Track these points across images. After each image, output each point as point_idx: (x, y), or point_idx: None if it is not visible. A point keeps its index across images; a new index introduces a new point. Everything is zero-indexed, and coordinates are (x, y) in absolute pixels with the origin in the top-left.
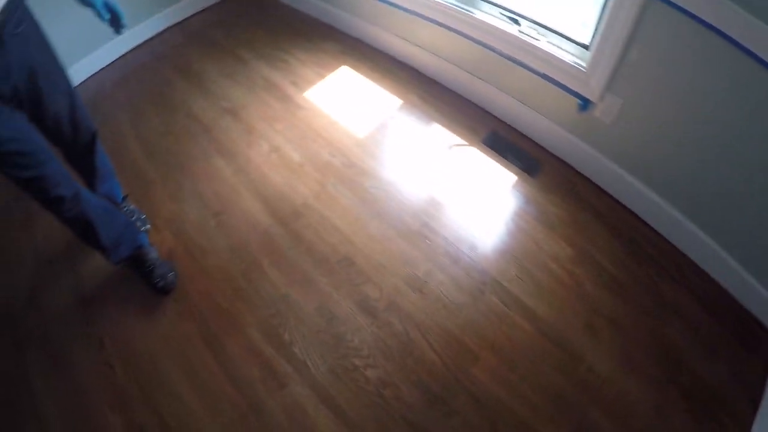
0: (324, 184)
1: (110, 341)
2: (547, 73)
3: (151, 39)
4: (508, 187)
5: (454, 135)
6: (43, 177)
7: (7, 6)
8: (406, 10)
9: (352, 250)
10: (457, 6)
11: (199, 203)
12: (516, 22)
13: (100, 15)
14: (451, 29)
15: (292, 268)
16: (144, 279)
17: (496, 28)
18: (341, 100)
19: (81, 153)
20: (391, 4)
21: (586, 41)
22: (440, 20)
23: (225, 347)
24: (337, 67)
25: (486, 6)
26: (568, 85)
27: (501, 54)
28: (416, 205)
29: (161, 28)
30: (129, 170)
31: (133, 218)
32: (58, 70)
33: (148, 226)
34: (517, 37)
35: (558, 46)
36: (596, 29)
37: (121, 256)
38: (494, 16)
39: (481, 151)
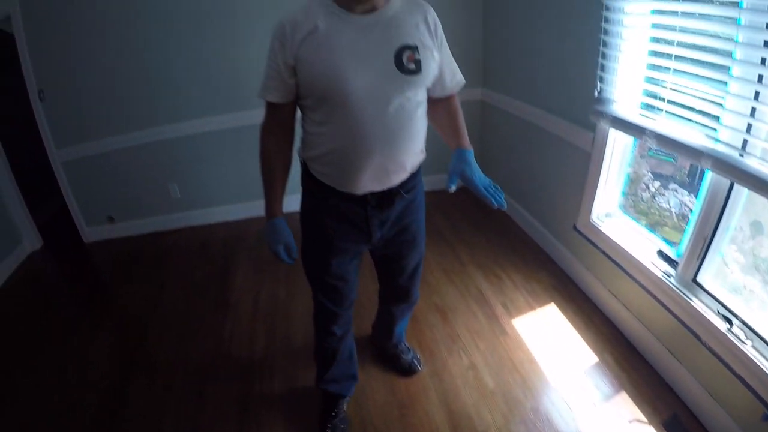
0: (509, 421)
1: None
2: (743, 376)
3: None
4: None
5: (637, 409)
6: (335, 315)
7: (409, 176)
8: (625, 271)
9: None
10: (676, 287)
11: (388, 387)
12: (729, 321)
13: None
14: (663, 305)
15: None
16: (321, 417)
17: (708, 320)
18: (544, 340)
19: (395, 301)
20: (613, 261)
21: None
22: (655, 293)
23: None
24: (546, 302)
25: (706, 297)
26: (761, 393)
27: (703, 344)
28: None
29: None
30: None
31: (410, 356)
32: (422, 232)
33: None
34: (724, 335)
35: (762, 354)
36: None
37: (326, 389)
38: (710, 308)
39: None
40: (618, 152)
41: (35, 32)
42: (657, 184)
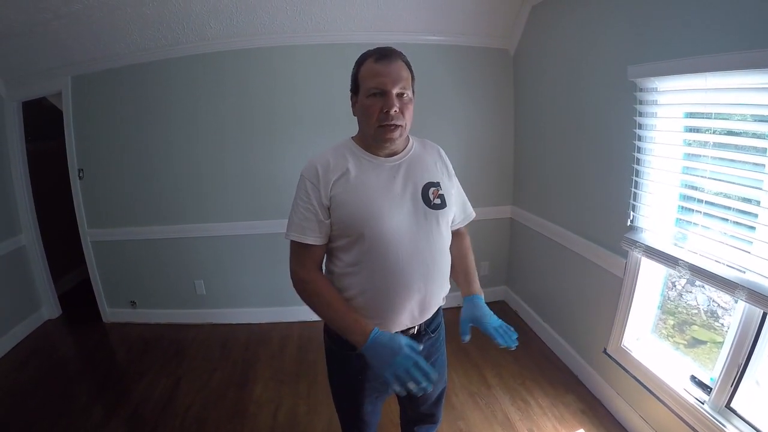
0: None
1: None
2: None
3: None
4: None
5: None
6: None
7: (434, 315)
8: (657, 397)
9: None
10: (710, 414)
11: None
12: None
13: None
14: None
15: None
16: None
17: None
18: None
19: (418, 422)
20: (644, 387)
21: None
22: (688, 419)
23: None
24: (575, 428)
25: (740, 423)
26: None
27: None
28: None
29: None
30: None
31: None
32: (445, 365)
33: None
34: None
35: None
36: None
37: None
38: None
39: None
40: (651, 279)
41: (82, 112)
42: (683, 281)
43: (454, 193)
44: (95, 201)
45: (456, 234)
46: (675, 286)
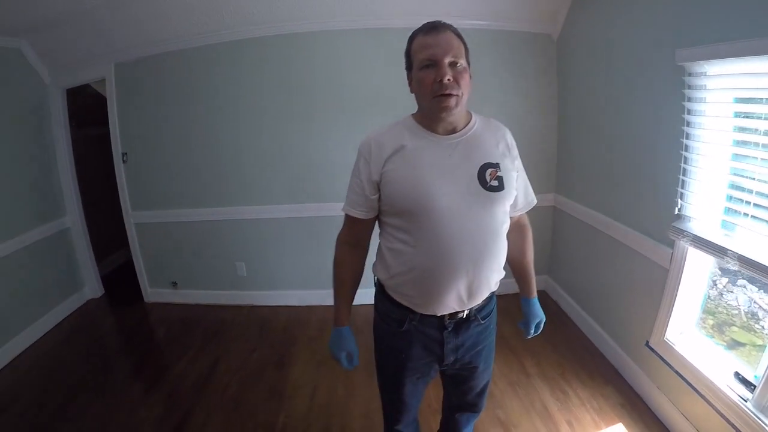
0: None
1: None
2: None
3: None
4: None
5: None
6: (398, 421)
7: (485, 300)
8: (698, 393)
9: None
10: (753, 412)
11: None
12: None
13: None
14: (738, 430)
15: None
16: None
17: None
18: None
19: (460, 411)
20: (686, 382)
21: None
22: (730, 417)
23: None
24: (613, 422)
25: None
26: None
27: None
28: None
29: None
30: None
31: None
32: (493, 354)
33: None
34: None
35: None
36: None
37: None
38: None
39: None
40: (697, 270)
41: (125, 98)
42: (725, 280)
43: (516, 176)
44: (138, 184)
45: (519, 226)
46: (716, 285)
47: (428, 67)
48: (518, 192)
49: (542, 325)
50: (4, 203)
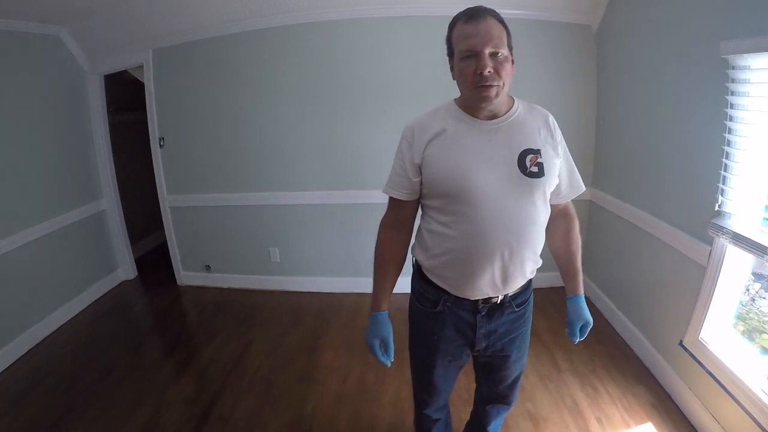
0: None
1: None
2: None
3: None
4: None
5: None
6: (429, 405)
7: (521, 288)
8: (731, 395)
9: None
10: None
11: None
12: None
13: None
14: None
15: None
16: None
17: None
18: None
19: (491, 402)
20: (719, 384)
21: None
22: (763, 423)
23: None
24: (643, 421)
25: None
26: None
27: None
28: None
29: None
30: None
31: None
32: (527, 344)
33: None
34: None
35: None
36: None
37: None
38: None
39: None
40: (735, 269)
41: (163, 84)
42: (758, 285)
43: (559, 163)
44: (175, 168)
45: (564, 215)
46: (748, 290)
47: (469, 57)
48: (561, 178)
49: (587, 330)
50: (44, 185)
